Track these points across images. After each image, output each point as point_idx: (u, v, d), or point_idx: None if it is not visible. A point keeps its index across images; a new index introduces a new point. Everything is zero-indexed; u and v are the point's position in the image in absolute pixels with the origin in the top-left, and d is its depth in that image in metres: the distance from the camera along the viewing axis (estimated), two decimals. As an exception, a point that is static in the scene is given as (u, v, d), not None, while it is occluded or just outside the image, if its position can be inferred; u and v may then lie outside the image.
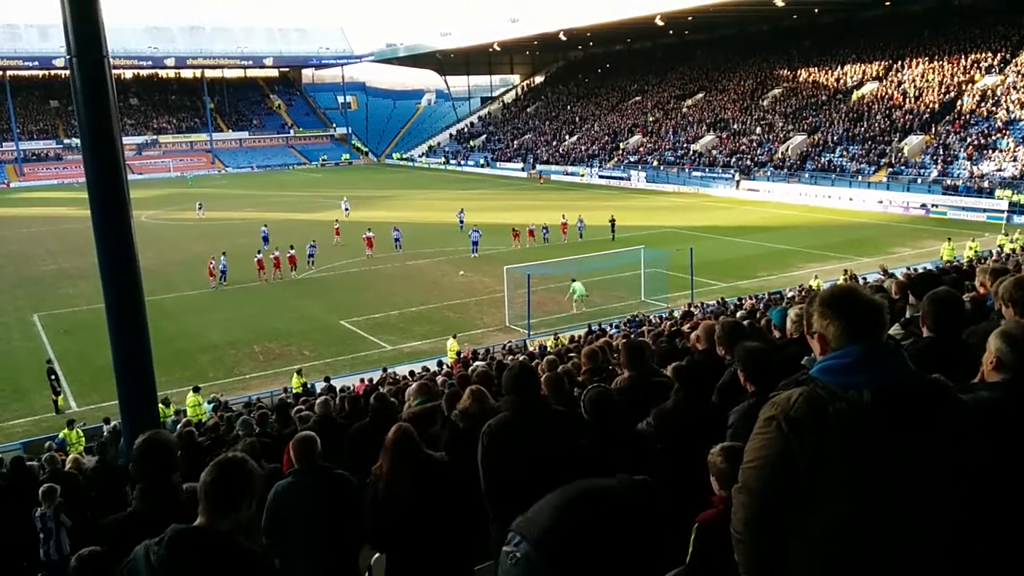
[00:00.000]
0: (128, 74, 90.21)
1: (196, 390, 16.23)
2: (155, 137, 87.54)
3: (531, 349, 17.47)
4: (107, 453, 8.29)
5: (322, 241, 33.29)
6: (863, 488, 1.92)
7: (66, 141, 79.66)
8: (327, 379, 15.93)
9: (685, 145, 59.03)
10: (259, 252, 30.33)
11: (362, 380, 16.25)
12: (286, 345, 21.62)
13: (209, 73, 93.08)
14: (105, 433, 12.75)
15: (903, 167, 43.24)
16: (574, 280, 23.71)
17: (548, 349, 15.66)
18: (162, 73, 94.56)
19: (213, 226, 43.92)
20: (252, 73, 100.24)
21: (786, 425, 1.97)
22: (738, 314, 14.20)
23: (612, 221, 34.83)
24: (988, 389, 2.47)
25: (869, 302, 2.08)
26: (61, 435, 14.09)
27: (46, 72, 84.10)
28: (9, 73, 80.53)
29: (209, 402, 15.97)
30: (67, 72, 5.97)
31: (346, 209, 43.71)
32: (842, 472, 1.93)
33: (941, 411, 1.99)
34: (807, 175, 47.19)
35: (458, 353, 18.01)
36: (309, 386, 16.56)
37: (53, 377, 18.01)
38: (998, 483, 2.19)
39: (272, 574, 2.50)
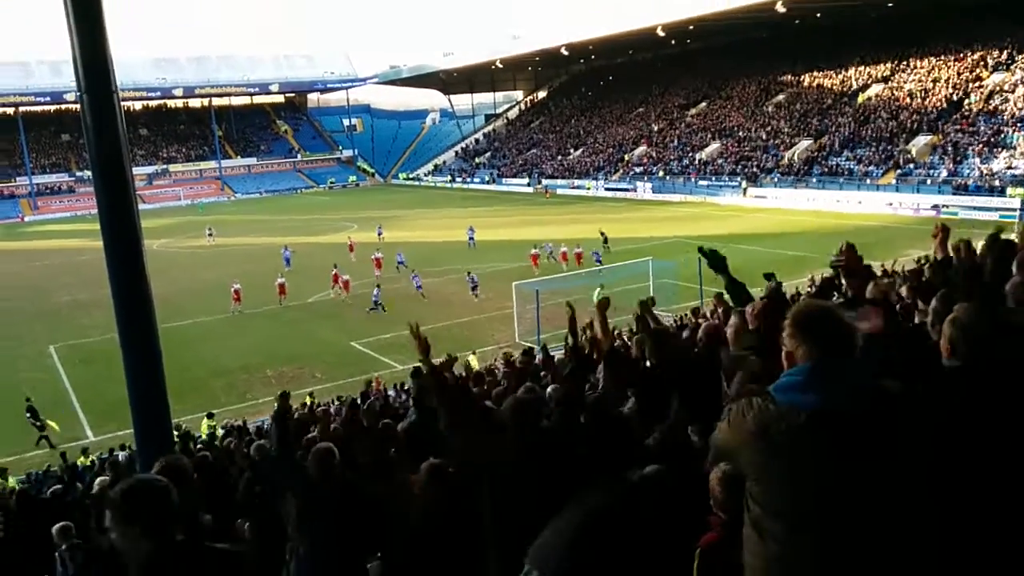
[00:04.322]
0: (137, 105, 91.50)
1: (210, 416, 16.30)
2: (165, 166, 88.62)
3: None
4: (119, 474, 8.34)
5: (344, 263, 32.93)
6: (801, 508, 1.92)
7: (78, 174, 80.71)
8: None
9: (691, 154, 59.05)
10: (281, 276, 30.37)
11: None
12: (299, 368, 21.70)
13: (216, 101, 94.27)
14: (120, 459, 12.79)
15: (912, 168, 43.02)
16: (601, 286, 23.53)
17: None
18: (170, 103, 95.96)
19: (223, 252, 44.30)
20: (258, 100, 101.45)
21: (740, 433, 2.07)
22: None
23: (603, 234, 34.55)
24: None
25: (840, 325, 2.03)
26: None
27: (58, 107, 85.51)
28: (22, 109, 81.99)
29: (223, 428, 16.02)
30: (78, 106, 6.07)
31: (380, 233, 43.55)
32: (782, 491, 1.95)
33: (884, 435, 1.93)
34: (815, 180, 46.98)
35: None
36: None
37: (29, 415, 17.44)
38: (959, 472, 2.18)
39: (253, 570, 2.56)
